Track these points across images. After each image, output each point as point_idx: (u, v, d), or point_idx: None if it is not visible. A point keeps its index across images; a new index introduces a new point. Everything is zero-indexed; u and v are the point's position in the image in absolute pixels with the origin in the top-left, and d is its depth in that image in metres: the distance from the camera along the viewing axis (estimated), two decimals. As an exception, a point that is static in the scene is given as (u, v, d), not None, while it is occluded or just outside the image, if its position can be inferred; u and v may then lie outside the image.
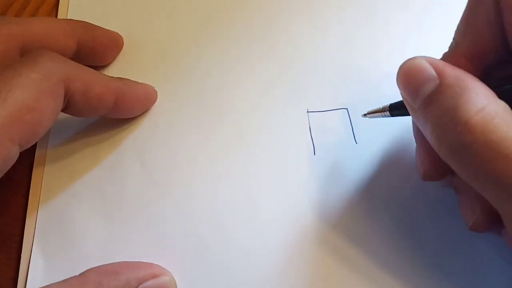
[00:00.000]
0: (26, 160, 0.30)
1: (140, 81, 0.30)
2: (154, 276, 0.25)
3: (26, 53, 0.26)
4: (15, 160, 0.23)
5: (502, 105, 0.18)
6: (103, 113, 0.27)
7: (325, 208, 0.27)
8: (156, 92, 0.30)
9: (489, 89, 0.19)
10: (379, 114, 0.25)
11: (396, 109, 0.24)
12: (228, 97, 0.30)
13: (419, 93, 0.20)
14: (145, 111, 0.30)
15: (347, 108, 0.29)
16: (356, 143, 0.28)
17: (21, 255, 0.28)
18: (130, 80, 0.29)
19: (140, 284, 0.24)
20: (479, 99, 0.18)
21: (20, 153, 0.24)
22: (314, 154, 0.28)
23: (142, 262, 0.26)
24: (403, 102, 0.22)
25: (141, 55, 0.32)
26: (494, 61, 0.21)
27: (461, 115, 0.18)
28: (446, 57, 0.23)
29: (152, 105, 0.30)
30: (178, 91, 0.31)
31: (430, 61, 0.20)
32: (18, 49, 0.27)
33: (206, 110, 0.30)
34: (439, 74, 0.20)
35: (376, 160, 0.27)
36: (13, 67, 0.23)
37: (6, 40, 0.26)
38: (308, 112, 0.29)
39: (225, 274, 0.26)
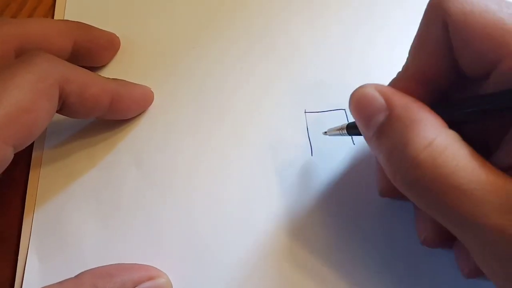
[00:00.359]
0: (23, 162, 0.30)
1: (137, 82, 0.30)
2: (150, 278, 0.25)
3: (22, 54, 0.26)
4: (9, 162, 0.23)
5: (451, 135, 0.18)
6: (99, 115, 0.27)
7: (322, 209, 0.27)
8: (152, 93, 0.30)
9: (438, 118, 0.19)
10: (338, 132, 0.25)
11: (352, 129, 0.24)
12: (227, 98, 0.30)
13: (371, 123, 0.20)
14: (142, 112, 0.30)
15: (344, 109, 0.29)
16: (354, 144, 0.28)
17: (18, 257, 0.28)
18: (126, 81, 0.29)
19: (136, 286, 0.24)
20: (428, 133, 0.18)
21: (18, 155, 0.24)
22: (312, 155, 0.28)
23: (138, 264, 0.26)
24: None
25: (139, 56, 0.32)
26: (446, 83, 0.22)
27: (410, 151, 0.18)
28: (397, 80, 0.23)
29: (149, 106, 0.30)
30: (175, 92, 0.31)
31: (380, 89, 0.21)
32: (14, 50, 0.27)
33: (203, 111, 0.30)
34: (388, 104, 0.20)
35: (374, 162, 0.27)
36: (8, 68, 0.23)
37: (2, 41, 0.26)
38: (305, 112, 0.29)
39: (222, 276, 0.26)
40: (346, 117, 0.28)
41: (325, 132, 0.27)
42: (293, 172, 0.28)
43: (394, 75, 0.23)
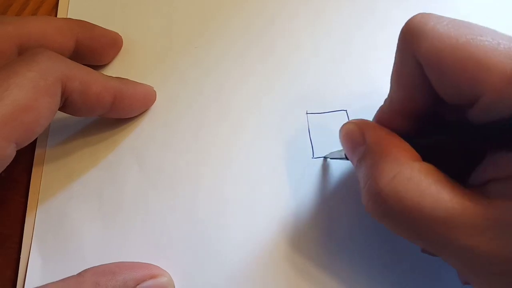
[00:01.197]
0: (26, 160, 0.30)
1: (140, 81, 0.30)
2: (152, 277, 0.25)
3: (24, 52, 0.26)
4: (11, 159, 0.23)
5: (416, 167, 0.19)
6: (101, 113, 0.27)
7: (323, 210, 0.27)
8: (155, 92, 0.30)
9: (407, 151, 0.20)
10: (338, 155, 0.26)
11: None
12: (227, 98, 0.30)
13: (354, 155, 0.22)
14: (145, 111, 0.30)
15: (346, 110, 0.29)
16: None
17: (21, 256, 0.28)
18: (129, 79, 0.29)
19: (138, 284, 0.24)
20: (392, 167, 0.19)
21: (20, 153, 0.24)
22: (313, 156, 0.28)
23: (140, 262, 0.26)
24: None
25: (141, 55, 0.32)
26: (430, 111, 0.22)
27: (376, 186, 0.19)
28: (382, 112, 0.23)
29: (151, 105, 0.30)
30: (177, 91, 0.31)
31: (360, 124, 0.22)
32: (16, 48, 0.27)
33: (205, 111, 0.30)
34: (365, 138, 0.22)
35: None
36: (10, 66, 0.23)
37: (3, 40, 0.26)
38: (307, 113, 0.29)
39: (224, 275, 0.26)
40: (347, 118, 0.28)
41: (325, 156, 0.27)
42: (294, 173, 0.28)
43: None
